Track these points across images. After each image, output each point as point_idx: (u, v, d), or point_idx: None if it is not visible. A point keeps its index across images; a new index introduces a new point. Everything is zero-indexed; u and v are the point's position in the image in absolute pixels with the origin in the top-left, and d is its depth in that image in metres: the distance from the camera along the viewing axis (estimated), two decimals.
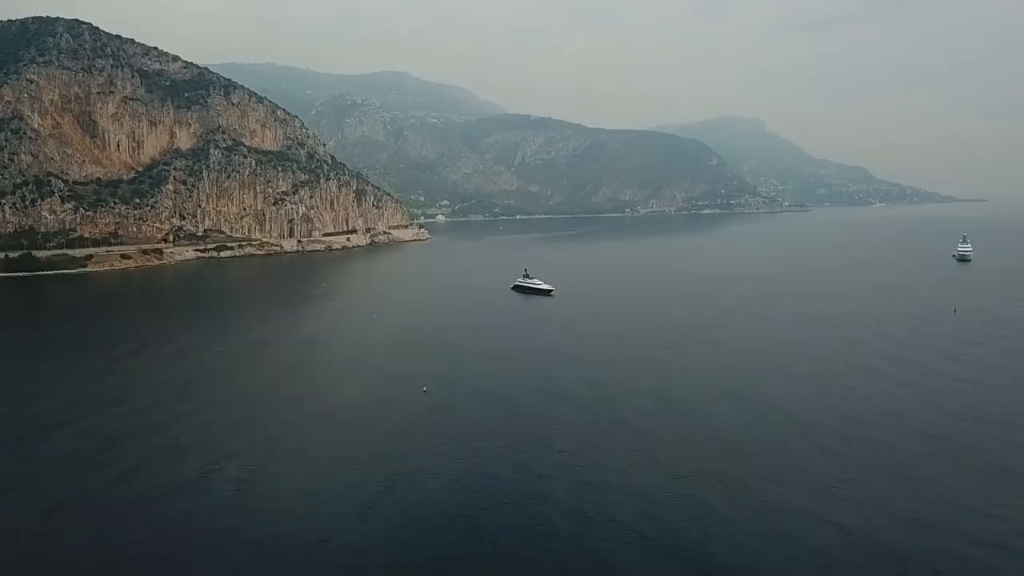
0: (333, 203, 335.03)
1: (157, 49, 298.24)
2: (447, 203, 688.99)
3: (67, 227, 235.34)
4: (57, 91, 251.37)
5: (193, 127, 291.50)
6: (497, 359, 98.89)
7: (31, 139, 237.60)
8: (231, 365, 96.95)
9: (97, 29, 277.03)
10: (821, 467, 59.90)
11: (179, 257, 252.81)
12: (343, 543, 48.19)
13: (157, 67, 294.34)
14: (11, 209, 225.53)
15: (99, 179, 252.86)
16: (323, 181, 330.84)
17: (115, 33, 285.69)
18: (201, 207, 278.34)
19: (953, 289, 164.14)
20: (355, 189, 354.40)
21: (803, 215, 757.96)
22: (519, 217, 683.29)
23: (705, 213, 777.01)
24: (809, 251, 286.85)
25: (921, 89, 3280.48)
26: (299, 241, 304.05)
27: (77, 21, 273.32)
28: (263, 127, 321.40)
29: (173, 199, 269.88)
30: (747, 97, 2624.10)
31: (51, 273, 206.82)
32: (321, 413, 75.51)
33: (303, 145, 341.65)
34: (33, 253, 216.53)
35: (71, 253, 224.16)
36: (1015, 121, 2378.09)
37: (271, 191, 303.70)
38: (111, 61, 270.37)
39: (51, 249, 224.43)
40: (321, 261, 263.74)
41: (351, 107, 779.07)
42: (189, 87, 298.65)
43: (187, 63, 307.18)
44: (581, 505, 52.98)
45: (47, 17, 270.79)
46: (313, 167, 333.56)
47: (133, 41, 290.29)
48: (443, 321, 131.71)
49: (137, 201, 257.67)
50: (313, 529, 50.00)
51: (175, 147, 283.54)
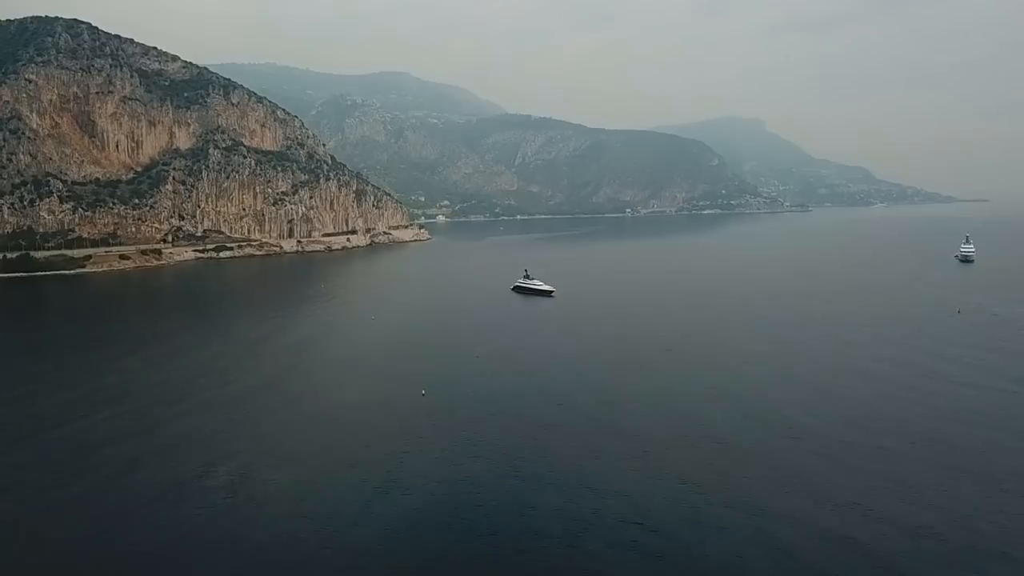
0: (333, 203, 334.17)
1: (156, 49, 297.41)
2: (447, 203, 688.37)
3: (66, 227, 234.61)
4: (56, 91, 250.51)
5: (192, 127, 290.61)
6: (497, 361, 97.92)
7: (29, 139, 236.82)
8: (228, 366, 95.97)
9: (96, 29, 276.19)
10: (820, 472, 58.70)
11: (178, 258, 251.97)
12: (341, 544, 47.38)
13: (156, 67, 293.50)
14: (9, 209, 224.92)
15: (98, 179, 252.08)
16: (323, 181, 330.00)
17: (114, 33, 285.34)
18: (200, 207, 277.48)
19: (956, 290, 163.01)
20: (355, 189, 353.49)
21: (804, 215, 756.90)
22: (519, 217, 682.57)
23: (706, 213, 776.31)
24: (810, 251, 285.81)
25: (921, 89, 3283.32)
26: (299, 241, 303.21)
27: (76, 21, 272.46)
28: (263, 127, 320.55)
29: (172, 199, 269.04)
30: (747, 97, 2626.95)
31: (49, 274, 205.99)
32: (318, 416, 74.50)
33: (303, 145, 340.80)
34: (31, 254, 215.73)
35: (69, 254, 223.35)
36: (1015, 121, 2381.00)
37: (271, 191, 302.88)
38: (110, 61, 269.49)
39: (49, 250, 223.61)
40: (321, 261, 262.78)
41: (351, 107, 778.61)
42: (188, 87, 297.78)
43: (186, 63, 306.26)
44: (578, 511, 51.95)
45: (46, 17, 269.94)
46: (313, 167, 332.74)
47: (132, 41, 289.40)
48: (443, 322, 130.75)
49: (136, 201, 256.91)
50: (310, 530, 49.17)
51: (174, 147, 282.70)
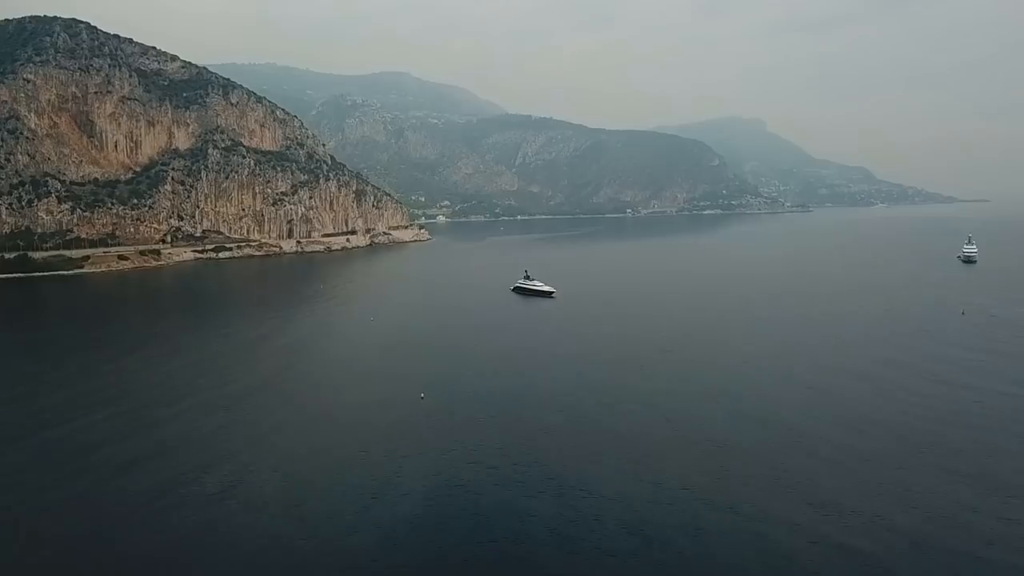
0: (332, 204, 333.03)
1: (155, 49, 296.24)
2: (448, 203, 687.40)
3: (64, 228, 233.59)
4: (54, 91, 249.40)
5: (191, 127, 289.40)
6: (497, 363, 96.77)
7: (28, 139, 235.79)
8: (226, 366, 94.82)
9: (95, 28, 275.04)
10: (820, 477, 57.28)
11: (177, 258, 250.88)
12: (338, 548, 46.44)
13: (155, 67, 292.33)
14: (7, 210, 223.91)
15: (96, 179, 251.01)
16: (322, 181, 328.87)
17: (113, 33, 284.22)
18: (199, 208, 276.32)
19: (960, 291, 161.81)
20: (355, 189, 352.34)
21: (805, 216, 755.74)
22: (520, 218, 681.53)
23: (706, 214, 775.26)
24: (811, 252, 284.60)
25: (922, 89, 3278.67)
26: (298, 242, 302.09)
27: (74, 20, 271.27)
28: (262, 127, 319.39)
29: (171, 200, 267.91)
30: (747, 97, 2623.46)
31: (47, 274, 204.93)
32: (314, 419, 73.28)
33: (302, 145, 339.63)
34: (29, 254, 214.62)
35: (68, 254, 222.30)
36: (1016, 121, 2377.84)
37: (270, 191, 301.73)
38: (109, 60, 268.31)
39: (48, 250, 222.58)
40: (320, 262, 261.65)
41: (351, 107, 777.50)
42: (187, 87, 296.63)
43: (185, 63, 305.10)
44: (577, 516, 50.78)
45: (44, 16, 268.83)
46: (312, 167, 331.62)
47: (131, 40, 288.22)
48: (442, 323, 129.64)
49: (135, 202, 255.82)
50: (307, 534, 48.15)
51: (173, 147, 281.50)
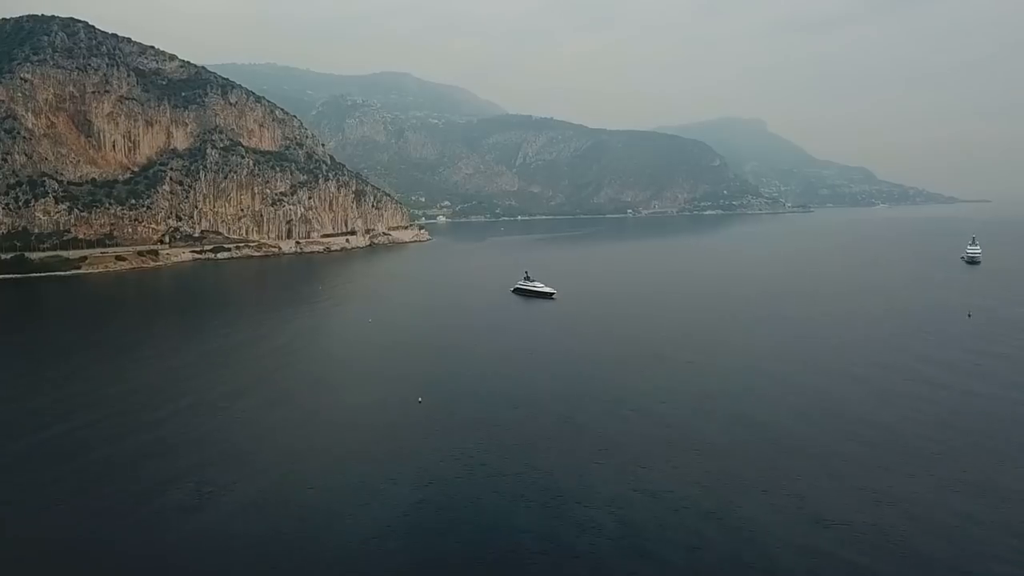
0: (332, 204, 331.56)
1: (154, 48, 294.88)
2: (448, 204, 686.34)
3: (61, 228, 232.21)
4: (52, 90, 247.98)
5: (190, 127, 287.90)
6: (497, 366, 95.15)
7: (25, 139, 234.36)
8: (218, 369, 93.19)
9: (93, 27, 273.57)
10: (819, 490, 54.93)
11: (175, 258, 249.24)
12: (327, 559, 44.68)
13: (154, 66, 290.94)
14: (4, 210, 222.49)
15: (94, 179, 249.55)
16: (322, 182, 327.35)
17: (112, 32, 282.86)
18: (198, 208, 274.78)
19: (965, 292, 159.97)
20: (354, 190, 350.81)
21: (805, 216, 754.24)
22: (520, 218, 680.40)
23: (707, 214, 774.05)
24: (813, 252, 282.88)
25: (922, 89, 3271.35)
26: (297, 242, 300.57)
27: (72, 20, 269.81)
28: (261, 127, 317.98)
29: (169, 200, 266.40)
30: (748, 97, 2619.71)
31: (44, 275, 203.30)
32: (307, 423, 71.56)
33: (302, 145, 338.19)
34: (26, 255, 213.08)
35: (65, 255, 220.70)
36: (1016, 121, 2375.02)
37: (269, 192, 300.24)
38: (107, 60, 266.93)
39: (45, 251, 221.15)
40: (319, 262, 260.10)
41: (352, 107, 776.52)
42: (186, 86, 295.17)
43: (184, 62, 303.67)
44: (569, 532, 48.95)
45: (42, 16, 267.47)
46: (312, 167, 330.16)
47: (129, 40, 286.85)
48: (441, 325, 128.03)
49: (133, 202, 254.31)
50: (295, 542, 46.43)
51: (171, 147, 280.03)
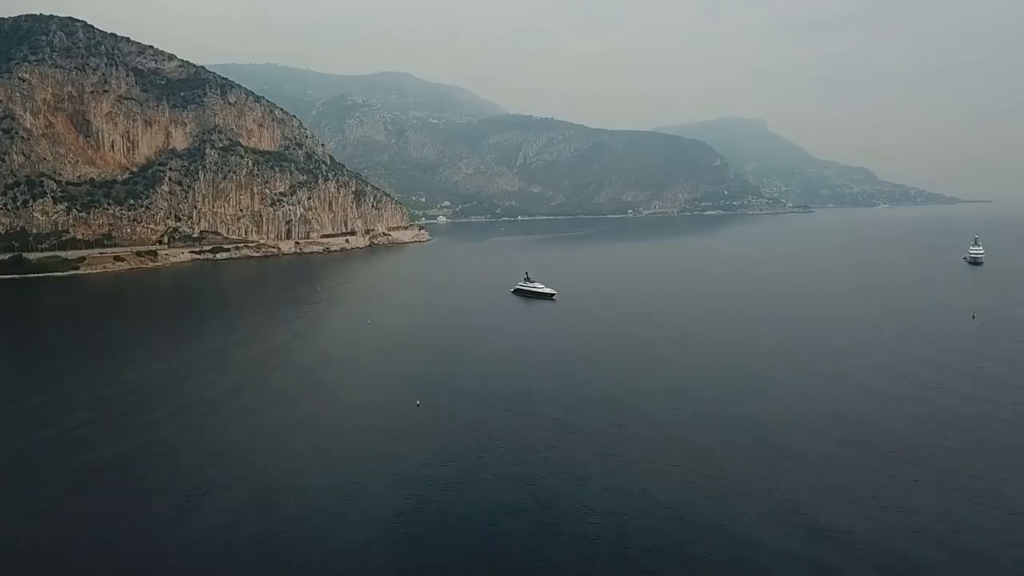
0: (331, 204, 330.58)
1: (152, 48, 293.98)
2: (448, 204, 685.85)
3: (59, 228, 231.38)
4: (50, 90, 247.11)
5: (189, 127, 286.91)
6: (496, 368, 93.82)
7: (23, 139, 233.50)
8: (211, 371, 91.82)
9: (91, 27, 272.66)
10: (819, 501, 52.76)
11: (174, 259, 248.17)
12: (313, 562, 43.49)
13: (152, 66, 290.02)
14: (2, 210, 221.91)
15: (93, 180, 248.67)
16: (321, 182, 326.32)
17: (111, 32, 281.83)
18: (197, 208, 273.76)
19: (968, 293, 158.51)
20: (354, 190, 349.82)
21: (806, 216, 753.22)
22: (521, 218, 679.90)
23: (708, 214, 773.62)
24: (815, 253, 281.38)
25: (923, 89, 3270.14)
26: (297, 243, 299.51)
27: (71, 19, 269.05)
28: (260, 127, 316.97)
29: (168, 200, 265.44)
30: (748, 98, 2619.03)
31: (42, 275, 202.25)
32: (298, 427, 70.19)
33: (301, 145, 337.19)
34: (24, 255, 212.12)
35: (63, 255, 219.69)
36: (1016, 122, 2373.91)
37: (268, 192, 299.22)
38: (105, 60, 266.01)
39: (43, 251, 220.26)
40: (318, 263, 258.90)
41: (352, 108, 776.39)
42: (185, 86, 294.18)
43: (183, 62, 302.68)
44: (562, 544, 47.84)
45: (40, 15, 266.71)
46: (311, 167, 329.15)
47: (128, 39, 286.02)
48: (440, 327, 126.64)
49: (131, 202, 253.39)
50: (284, 553, 45.16)
51: (170, 147, 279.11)
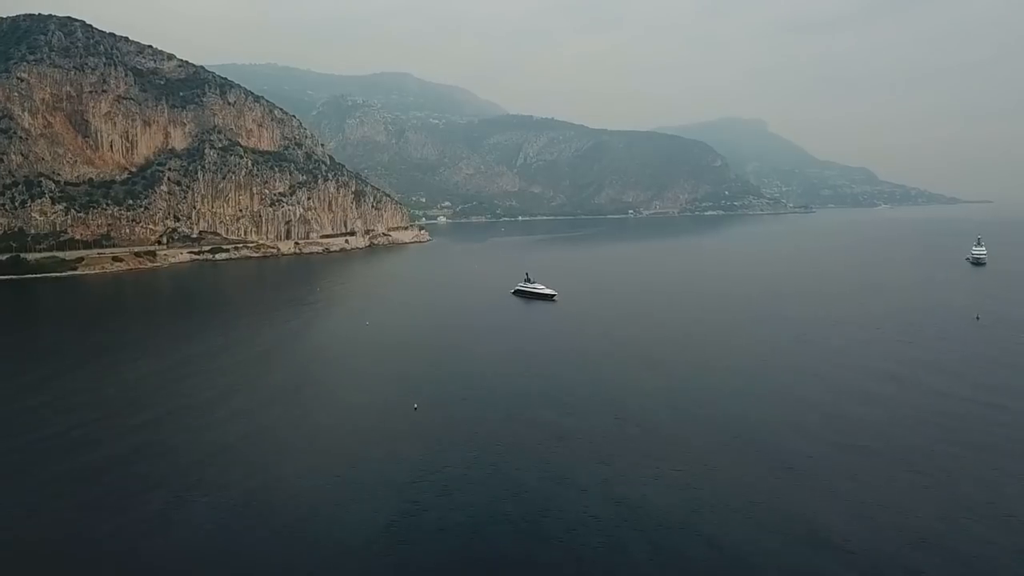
0: (331, 204, 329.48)
1: (152, 47, 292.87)
2: (448, 204, 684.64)
3: (58, 229, 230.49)
4: (48, 90, 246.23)
5: (188, 127, 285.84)
6: (495, 371, 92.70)
7: (21, 139, 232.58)
8: (203, 372, 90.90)
9: (90, 27, 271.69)
10: (818, 512, 51.61)
11: (173, 259, 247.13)
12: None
13: (151, 65, 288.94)
14: (0, 211, 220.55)
15: (91, 180, 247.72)
16: (321, 182, 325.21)
17: (110, 31, 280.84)
18: (196, 208, 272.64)
19: (971, 294, 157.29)
20: (354, 190, 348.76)
21: (807, 217, 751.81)
22: (521, 218, 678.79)
23: (708, 215, 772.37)
24: (816, 253, 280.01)
25: (923, 90, 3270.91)
26: (296, 243, 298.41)
27: (69, 19, 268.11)
28: (260, 127, 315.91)
29: (167, 200, 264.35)
30: (749, 98, 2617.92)
31: (40, 276, 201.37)
32: (289, 431, 69.02)
33: (301, 145, 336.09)
34: (22, 255, 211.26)
35: (61, 255, 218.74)
36: (1017, 122, 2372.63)
37: (268, 192, 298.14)
38: (104, 59, 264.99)
39: (41, 251, 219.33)
40: (318, 263, 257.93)
41: (352, 108, 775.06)
42: (184, 86, 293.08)
43: (182, 62, 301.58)
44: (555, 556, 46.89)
45: (39, 14, 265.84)
46: (311, 168, 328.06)
47: (127, 39, 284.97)
48: (439, 329, 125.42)
49: (130, 202, 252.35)
50: (276, 562, 44.10)
51: (169, 147, 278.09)
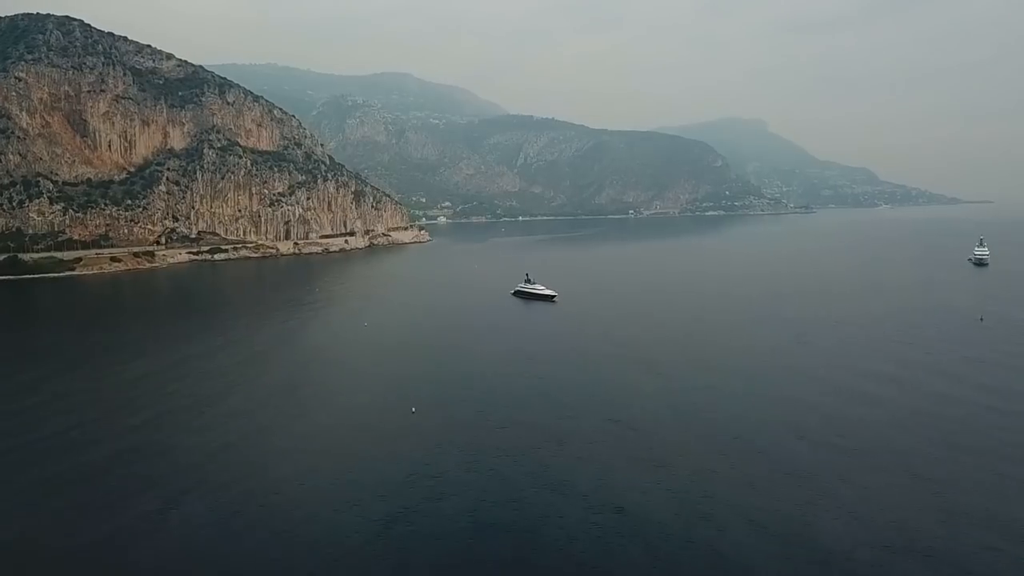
0: (331, 204, 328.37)
1: (150, 47, 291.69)
2: (449, 204, 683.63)
3: (56, 229, 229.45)
4: (46, 89, 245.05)
5: (187, 127, 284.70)
6: (495, 373, 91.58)
7: (19, 138, 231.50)
8: (195, 374, 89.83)
9: (88, 26, 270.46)
10: (818, 522, 50.30)
11: (171, 260, 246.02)
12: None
13: (150, 65, 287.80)
14: None
15: (89, 180, 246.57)
16: (320, 182, 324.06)
17: (108, 31, 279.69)
18: (195, 208, 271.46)
19: (975, 295, 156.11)
20: (353, 190, 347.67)
21: (808, 217, 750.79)
22: (521, 219, 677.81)
23: (709, 215, 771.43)
24: (817, 253, 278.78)
25: (923, 90, 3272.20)
26: (295, 243, 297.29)
27: (68, 18, 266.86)
28: (259, 127, 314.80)
29: (166, 200, 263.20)
30: (749, 98, 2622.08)
31: (38, 276, 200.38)
32: (289, 436, 68.01)
33: (300, 145, 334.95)
34: (19, 256, 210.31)
35: (59, 256, 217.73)
36: (1017, 122, 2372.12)
37: (267, 192, 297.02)
38: (102, 59, 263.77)
39: (39, 252, 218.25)
40: (317, 264, 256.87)
41: (352, 108, 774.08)
42: (183, 86, 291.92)
43: (181, 61, 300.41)
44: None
45: (37, 14, 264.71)
46: (310, 168, 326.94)
47: (126, 39, 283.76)
48: (438, 330, 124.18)
49: (129, 202, 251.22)
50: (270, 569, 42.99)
51: (168, 147, 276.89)
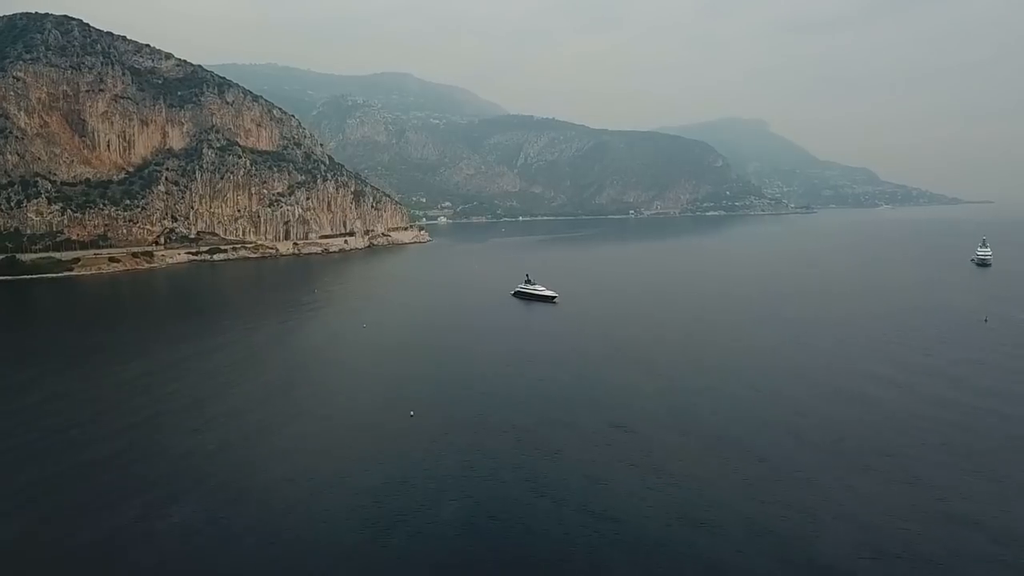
0: (330, 204, 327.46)
1: (149, 47, 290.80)
2: (449, 204, 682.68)
3: (54, 229, 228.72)
4: (45, 89, 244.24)
5: (186, 126, 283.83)
6: (494, 375, 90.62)
7: (17, 138, 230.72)
8: (191, 375, 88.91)
9: (87, 26, 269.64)
10: (817, 531, 49.75)
11: (170, 260, 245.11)
12: None
13: (149, 65, 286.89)
14: None
15: (88, 180, 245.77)
16: (320, 182, 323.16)
17: (107, 30, 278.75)
18: (194, 209, 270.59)
19: (978, 296, 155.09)
20: (353, 190, 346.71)
21: (808, 217, 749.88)
22: (522, 219, 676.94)
23: (709, 215, 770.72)
24: (818, 254, 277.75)
25: (923, 90, 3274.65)
26: (295, 244, 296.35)
27: (66, 17, 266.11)
28: (258, 126, 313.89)
29: (165, 200, 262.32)
30: (749, 98, 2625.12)
31: (36, 277, 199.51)
32: (287, 440, 67.14)
33: (300, 145, 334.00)
34: (18, 256, 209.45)
35: (57, 256, 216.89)
36: (1017, 122, 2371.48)
37: (266, 192, 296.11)
38: (101, 58, 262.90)
39: (37, 252, 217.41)
40: (316, 264, 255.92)
41: (352, 108, 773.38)
42: (182, 85, 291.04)
43: (180, 61, 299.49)
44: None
45: (36, 13, 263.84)
46: (310, 168, 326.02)
47: (124, 38, 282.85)
48: (437, 332, 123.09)
49: (127, 202, 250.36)
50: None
51: (167, 147, 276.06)
